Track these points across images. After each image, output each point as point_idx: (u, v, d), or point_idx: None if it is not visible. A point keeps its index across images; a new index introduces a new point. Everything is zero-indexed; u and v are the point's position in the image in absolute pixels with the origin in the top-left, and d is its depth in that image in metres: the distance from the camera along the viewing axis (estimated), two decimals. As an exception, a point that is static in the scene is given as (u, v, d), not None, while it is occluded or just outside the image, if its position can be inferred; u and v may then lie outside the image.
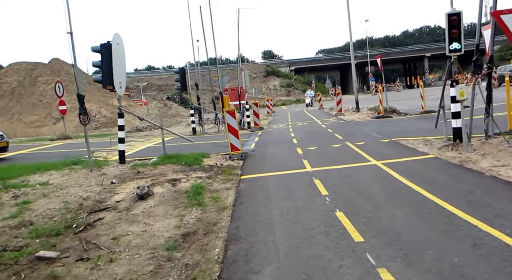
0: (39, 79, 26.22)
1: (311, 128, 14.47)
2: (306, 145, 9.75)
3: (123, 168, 8.59)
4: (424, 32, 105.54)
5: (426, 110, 14.56)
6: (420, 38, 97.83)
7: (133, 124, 25.77)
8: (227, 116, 9.16)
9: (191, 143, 11.36)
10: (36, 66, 27.24)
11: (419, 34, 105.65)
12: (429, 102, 21.06)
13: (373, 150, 8.01)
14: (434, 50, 58.13)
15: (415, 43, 75.97)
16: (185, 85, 16.26)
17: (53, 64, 27.95)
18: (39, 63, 28.01)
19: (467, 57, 34.19)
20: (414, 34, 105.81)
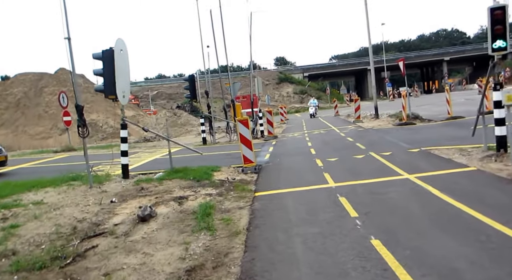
0: (45, 89, 26.22)
1: (329, 136, 13.77)
2: (325, 156, 9.06)
3: (126, 184, 8.05)
4: (441, 36, 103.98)
5: (453, 116, 13.71)
6: (437, 42, 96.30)
7: (141, 134, 25.45)
8: (239, 125, 8.56)
9: (201, 155, 10.78)
10: (42, 77, 27.30)
11: (435, 37, 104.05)
12: (453, 107, 20.23)
13: (403, 162, 7.28)
14: (453, 53, 56.94)
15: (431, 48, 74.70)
16: (194, 93, 15.81)
17: (60, 74, 27.97)
18: (45, 73, 28.09)
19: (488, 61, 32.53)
20: (431, 38, 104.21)
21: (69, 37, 7.31)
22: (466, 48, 59.86)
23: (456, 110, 17.29)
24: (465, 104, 19.98)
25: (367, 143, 10.31)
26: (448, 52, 55.05)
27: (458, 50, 59.17)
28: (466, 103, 20.75)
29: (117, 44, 8.06)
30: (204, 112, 16.31)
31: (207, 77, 17.82)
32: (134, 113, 28.69)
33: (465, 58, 56.72)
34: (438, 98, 31.41)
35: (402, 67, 15.30)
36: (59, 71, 28.89)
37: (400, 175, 6.24)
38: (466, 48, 60.46)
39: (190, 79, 15.51)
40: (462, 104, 22.01)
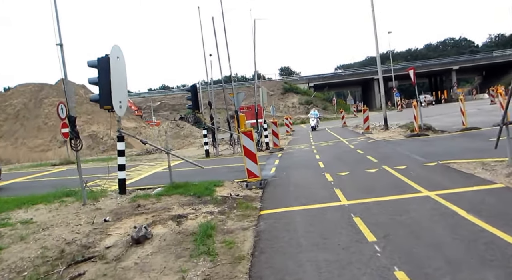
0: (45, 100, 26.12)
1: (337, 149, 13.34)
2: (335, 170, 8.63)
3: (122, 200, 7.65)
4: (448, 45, 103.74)
5: (468, 126, 13.24)
6: (444, 50, 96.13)
7: (143, 147, 25.16)
8: (243, 137, 8.18)
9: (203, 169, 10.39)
10: (42, 87, 27.25)
11: (443, 46, 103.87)
12: (457, 118, 19.70)
13: (420, 177, 6.82)
14: (462, 62, 56.53)
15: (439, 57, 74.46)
16: (197, 103, 15.50)
17: (60, 85, 27.83)
18: (46, 84, 28.06)
19: (498, 70, 32.23)
20: (438, 47, 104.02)
21: (61, 43, 7.01)
22: (475, 57, 59.41)
23: (470, 120, 16.80)
24: (478, 115, 19.50)
25: (379, 156, 9.87)
26: (457, 61, 54.66)
27: (467, 59, 58.76)
28: (480, 114, 20.28)
29: (113, 51, 7.77)
30: (207, 123, 15.97)
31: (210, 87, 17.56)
32: (136, 125, 28.47)
33: (474, 67, 56.25)
34: (448, 108, 31.00)
35: (413, 76, 14.91)
36: (59, 82, 28.86)
37: (418, 192, 5.79)
38: (475, 57, 60.00)
39: (192, 89, 15.23)
40: (475, 114, 21.49)
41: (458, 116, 21.74)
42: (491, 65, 54.96)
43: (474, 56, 60.55)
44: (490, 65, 55.01)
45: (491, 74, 56.21)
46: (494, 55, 57.79)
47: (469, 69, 57.03)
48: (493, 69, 55.09)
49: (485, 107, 26.70)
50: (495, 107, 26.12)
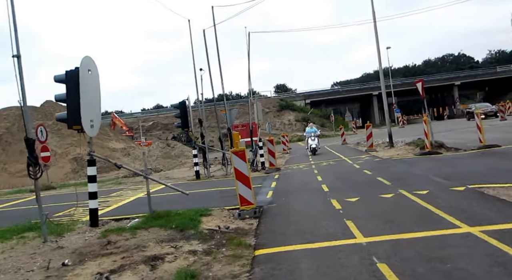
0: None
1: (341, 168, 12.30)
2: (342, 195, 7.57)
3: (91, 235, 6.52)
4: (447, 61, 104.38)
5: (486, 144, 12.27)
6: (443, 66, 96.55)
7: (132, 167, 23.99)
8: (234, 158, 7.14)
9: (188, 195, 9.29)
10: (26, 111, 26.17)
11: (441, 62, 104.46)
12: (467, 134, 18.81)
13: (451, 206, 5.76)
14: (463, 78, 56.31)
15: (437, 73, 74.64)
16: (186, 121, 14.51)
17: (46, 108, 27.00)
18: (30, 106, 27.03)
19: (502, 85, 31.31)
20: (436, 63, 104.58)
21: (18, 54, 6.06)
22: (477, 72, 59.30)
23: (488, 137, 15.87)
24: (491, 131, 18.55)
25: (391, 178, 8.82)
26: (458, 76, 54.43)
27: (468, 75, 58.61)
28: (492, 130, 19.34)
29: (83, 63, 6.80)
30: (197, 142, 14.92)
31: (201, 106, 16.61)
32: (125, 145, 27.37)
33: (476, 83, 56.04)
34: (454, 124, 30.22)
35: (421, 89, 14.05)
36: (45, 104, 27.93)
37: (456, 228, 4.70)
38: (477, 72, 59.91)
39: (181, 106, 14.26)
40: (488, 130, 20.51)
41: (467, 132, 20.93)
42: (494, 81, 54.72)
43: (476, 72, 60.49)
44: (493, 81, 54.78)
45: (494, 90, 55.89)
46: (498, 70, 57.61)
47: (471, 84, 56.77)
48: (497, 84, 54.82)
49: (496, 123, 25.88)
50: (506, 123, 25.31)
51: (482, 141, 12.38)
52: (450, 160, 11.02)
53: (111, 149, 25.42)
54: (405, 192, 7.06)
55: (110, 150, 25.29)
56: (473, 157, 11.07)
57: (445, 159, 11.35)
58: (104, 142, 26.00)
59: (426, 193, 6.76)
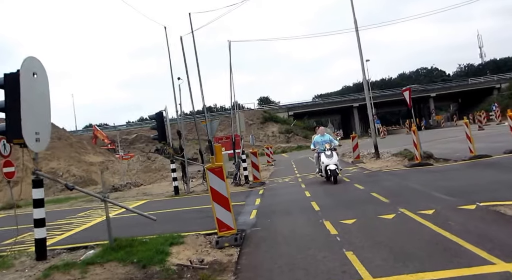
0: None
1: (329, 182, 11.15)
2: (336, 215, 6.39)
3: (31, 274, 5.12)
4: (421, 74, 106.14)
5: (477, 154, 11.37)
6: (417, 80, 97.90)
7: (110, 182, 22.36)
8: (210, 176, 5.90)
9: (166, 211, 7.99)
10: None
11: (415, 76, 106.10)
12: (462, 144, 18.05)
13: (469, 231, 4.64)
14: (438, 90, 56.74)
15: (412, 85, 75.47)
16: (164, 133, 13.20)
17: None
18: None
19: (473, 96, 30.80)
20: (411, 76, 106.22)
21: None
22: (451, 85, 60.04)
23: (465, 147, 15.04)
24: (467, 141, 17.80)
25: (387, 193, 7.70)
26: (433, 88, 54.79)
27: (443, 87, 59.14)
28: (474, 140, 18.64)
29: (26, 64, 5.46)
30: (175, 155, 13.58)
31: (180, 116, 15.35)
32: (104, 159, 25.69)
33: (450, 94, 56.57)
34: (433, 134, 29.65)
35: (408, 97, 13.14)
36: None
37: (489, 264, 3.55)
38: (451, 84, 60.67)
39: (158, 117, 12.95)
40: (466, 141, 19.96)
41: (450, 142, 20.27)
42: (466, 92, 55.45)
43: (450, 84, 61.24)
44: (465, 92, 55.50)
45: (467, 101, 56.60)
46: (470, 82, 58.51)
47: (446, 96, 57.17)
48: (469, 96, 55.55)
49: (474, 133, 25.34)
50: (485, 132, 24.84)
51: (473, 151, 11.48)
52: (444, 172, 10.01)
53: (89, 163, 23.73)
54: (407, 211, 5.92)
55: (88, 164, 23.61)
56: (467, 169, 10.11)
57: (438, 171, 10.34)
58: (81, 156, 24.30)
59: (432, 213, 5.63)
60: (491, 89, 54.56)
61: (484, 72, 68.99)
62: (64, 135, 25.74)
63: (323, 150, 10.90)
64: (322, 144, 11.15)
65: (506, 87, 52.85)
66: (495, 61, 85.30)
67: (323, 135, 11.50)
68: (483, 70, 75.14)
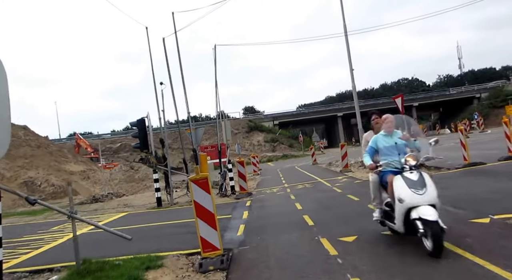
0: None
1: (320, 193, 10.49)
2: (333, 231, 5.70)
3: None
4: (402, 85, 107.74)
5: (471, 162, 10.92)
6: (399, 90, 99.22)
7: (91, 192, 21.20)
8: (194, 188, 5.14)
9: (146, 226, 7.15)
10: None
11: (397, 86, 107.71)
12: (452, 152, 17.72)
13: (490, 251, 3.99)
14: (421, 99, 57.32)
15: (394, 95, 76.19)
16: (146, 142, 12.34)
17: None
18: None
19: (454, 106, 30.55)
20: (393, 87, 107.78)
21: None
22: (433, 94, 60.84)
23: (459, 155, 14.66)
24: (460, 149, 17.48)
25: (385, 205, 7.05)
26: (416, 98, 55.25)
27: (425, 96, 59.83)
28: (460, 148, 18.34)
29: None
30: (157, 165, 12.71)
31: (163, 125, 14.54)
32: (85, 168, 24.48)
33: (432, 104, 57.24)
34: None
35: (401, 104, 12.68)
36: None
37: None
38: (433, 94, 61.50)
39: (139, 124, 12.09)
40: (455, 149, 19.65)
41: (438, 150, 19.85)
42: (447, 102, 56.25)
43: (432, 93, 62.03)
44: (447, 102, 56.28)
45: (448, 111, 57.39)
46: (451, 92, 59.40)
47: (427, 105, 57.78)
48: (450, 106, 56.37)
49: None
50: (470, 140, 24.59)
51: (467, 159, 11.01)
52: (440, 180, 9.40)
53: (69, 172, 22.50)
54: (414, 227, 5.26)
55: (68, 173, 22.38)
56: (464, 177, 9.60)
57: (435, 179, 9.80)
58: (61, 165, 23.04)
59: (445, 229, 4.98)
60: (471, 99, 55.43)
61: (462, 83, 70.28)
62: (44, 143, 24.48)
63: (397, 169, 4.76)
64: (394, 154, 4.89)
65: (485, 97, 53.77)
66: (473, 72, 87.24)
67: (390, 134, 5.01)
68: (462, 81, 76.64)
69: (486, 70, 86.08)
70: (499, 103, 48.76)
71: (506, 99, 48.48)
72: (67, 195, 20.68)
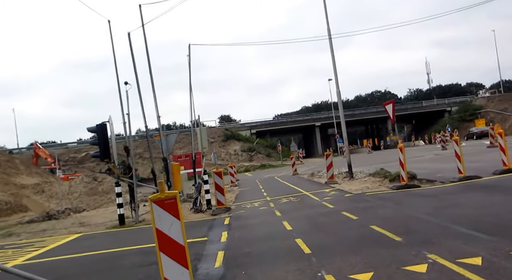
0: None
1: (309, 209, 9.28)
2: (339, 264, 4.49)
3: None
4: (375, 97, 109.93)
5: (467, 175, 10.06)
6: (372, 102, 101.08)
7: (45, 207, 19.08)
8: (156, 212, 3.80)
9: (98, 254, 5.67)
10: None
11: (370, 98, 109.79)
12: (431, 164, 17.11)
13: None
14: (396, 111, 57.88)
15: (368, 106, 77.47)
16: (107, 150, 10.81)
17: None
18: None
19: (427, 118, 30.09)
20: (366, 99, 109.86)
21: None
22: (407, 106, 61.84)
23: (444, 167, 14.00)
24: (445, 161, 16.92)
25: (393, 227, 5.91)
26: (391, 109, 55.80)
27: (399, 108, 60.56)
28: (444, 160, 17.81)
29: None
30: (121, 176, 11.17)
31: (127, 130, 13.01)
32: (39, 180, 22.24)
33: (405, 116, 58.06)
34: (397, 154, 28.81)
35: (392, 111, 11.80)
36: None
37: None
38: (407, 106, 62.52)
39: (99, 129, 10.55)
40: (438, 160, 19.20)
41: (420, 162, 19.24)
42: (420, 114, 57.62)
43: (406, 106, 63.03)
44: (419, 114, 57.65)
45: (420, 123, 58.72)
46: (424, 104, 60.77)
47: (401, 117, 58.38)
48: (422, 118, 57.78)
49: (440, 152, 25.07)
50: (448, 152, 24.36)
51: (462, 172, 10.12)
52: (440, 196, 8.48)
53: (19, 186, 20.21)
54: (442, 260, 4.12)
55: (18, 187, 20.08)
56: (465, 192, 8.63)
57: (433, 195, 8.82)
58: (10, 177, 20.71)
59: (482, 264, 3.87)
60: (443, 112, 56.93)
61: (431, 97, 72.24)
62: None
63: None
64: None
65: (455, 110, 55.39)
66: (441, 87, 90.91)
67: None
68: (431, 95, 78.93)
69: (452, 86, 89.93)
70: (468, 117, 50.70)
71: (475, 113, 50.31)
72: (15, 212, 18.61)
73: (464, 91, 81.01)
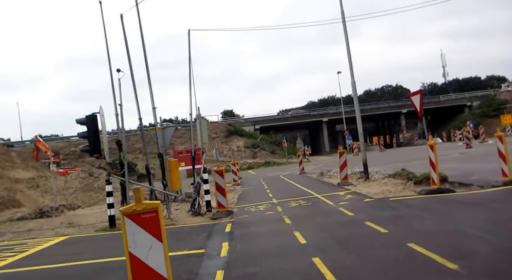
0: None
1: (324, 216, 8.15)
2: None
3: None
4: (386, 91, 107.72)
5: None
6: (382, 97, 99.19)
7: (39, 203, 18.19)
8: (130, 229, 2.71)
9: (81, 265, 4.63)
10: None
11: (381, 93, 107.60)
12: (458, 164, 15.90)
13: None
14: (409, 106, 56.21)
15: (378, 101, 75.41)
16: (97, 144, 9.79)
17: None
18: None
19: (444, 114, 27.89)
20: (376, 93, 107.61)
21: None
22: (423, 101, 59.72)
23: (473, 167, 12.83)
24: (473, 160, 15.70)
25: (439, 247, 4.76)
26: (405, 104, 53.84)
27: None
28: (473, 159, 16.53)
29: None
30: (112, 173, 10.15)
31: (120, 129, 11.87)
32: (35, 175, 21.32)
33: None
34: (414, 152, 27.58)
35: (419, 103, 10.63)
36: None
37: None
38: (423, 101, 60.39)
39: (89, 121, 9.50)
40: (466, 159, 17.85)
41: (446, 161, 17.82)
42: (437, 109, 54.68)
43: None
44: (436, 109, 54.62)
45: (436, 119, 56.02)
46: (441, 99, 58.00)
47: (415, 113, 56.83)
48: (439, 114, 54.98)
49: (465, 151, 23.69)
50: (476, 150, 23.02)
51: (507, 174, 8.92)
52: (488, 205, 7.29)
53: (13, 180, 19.36)
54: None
55: (12, 181, 19.23)
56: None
57: (477, 203, 7.64)
58: (4, 171, 19.85)
59: None
60: (462, 107, 54.20)
61: (447, 91, 69.97)
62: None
63: None
64: None
65: (477, 105, 52.90)
66: (458, 81, 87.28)
67: None
68: (446, 89, 76.51)
69: (471, 79, 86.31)
70: (491, 112, 47.78)
71: (499, 108, 47.53)
72: (7, 207, 17.75)
73: (484, 85, 76.63)
